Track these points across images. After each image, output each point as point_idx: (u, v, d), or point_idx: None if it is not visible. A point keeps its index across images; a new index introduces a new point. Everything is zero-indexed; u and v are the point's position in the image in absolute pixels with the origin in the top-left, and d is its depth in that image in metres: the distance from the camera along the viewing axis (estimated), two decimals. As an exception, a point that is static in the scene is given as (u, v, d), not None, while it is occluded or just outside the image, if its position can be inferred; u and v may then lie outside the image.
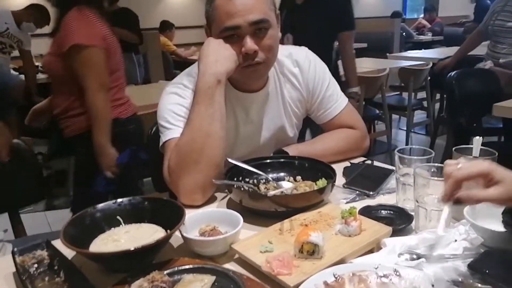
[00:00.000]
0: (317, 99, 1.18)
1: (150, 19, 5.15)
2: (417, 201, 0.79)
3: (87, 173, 1.69)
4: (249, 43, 0.97)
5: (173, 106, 1.04)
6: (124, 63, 1.84)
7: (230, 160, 1.00)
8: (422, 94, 4.27)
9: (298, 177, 1.03)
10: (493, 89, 2.38)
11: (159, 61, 4.58)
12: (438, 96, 4.22)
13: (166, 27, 5.26)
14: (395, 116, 4.29)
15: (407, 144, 3.74)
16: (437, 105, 4.33)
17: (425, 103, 3.90)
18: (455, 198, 0.65)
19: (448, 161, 0.69)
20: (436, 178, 0.77)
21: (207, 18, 1.04)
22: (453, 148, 0.86)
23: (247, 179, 1.02)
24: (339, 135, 1.19)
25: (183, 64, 5.01)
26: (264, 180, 1.02)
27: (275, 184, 0.99)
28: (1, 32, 3.29)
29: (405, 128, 3.87)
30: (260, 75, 1.07)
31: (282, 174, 1.05)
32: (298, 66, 1.16)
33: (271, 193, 0.88)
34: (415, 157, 0.87)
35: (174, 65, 5.16)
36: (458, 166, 0.66)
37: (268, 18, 0.99)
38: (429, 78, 3.71)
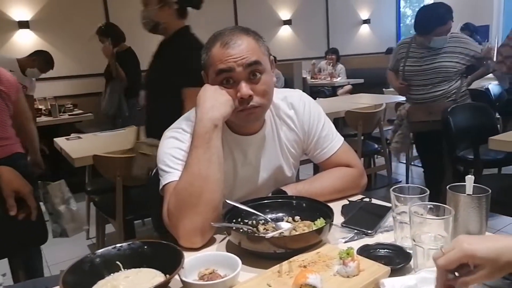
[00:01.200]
0: (313, 139, 1.21)
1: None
2: (414, 240, 0.79)
3: None
4: (244, 88, 1.02)
5: (172, 150, 1.07)
6: None
7: (228, 201, 1.02)
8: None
9: (297, 217, 1.04)
10: (488, 122, 2.42)
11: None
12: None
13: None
14: (394, 150, 4.32)
15: (407, 177, 3.74)
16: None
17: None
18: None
19: (434, 254, 0.68)
20: (431, 217, 0.78)
21: (203, 65, 1.09)
22: (447, 186, 0.87)
23: (246, 220, 1.03)
24: (336, 174, 1.20)
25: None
26: (263, 221, 1.02)
27: (274, 225, 0.99)
28: None
29: (404, 162, 3.89)
30: (256, 118, 1.10)
31: (280, 214, 1.06)
32: (293, 108, 1.20)
33: (269, 235, 0.88)
34: (411, 196, 0.89)
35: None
36: (443, 250, 0.66)
37: (262, 62, 1.04)
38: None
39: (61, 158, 2.50)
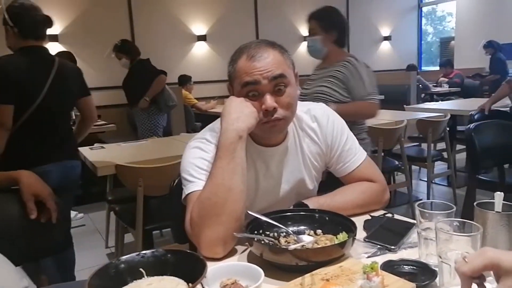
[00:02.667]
0: (335, 153, 1.21)
1: (173, 75, 5.40)
2: (440, 257, 0.78)
3: None
4: (269, 101, 1.03)
5: (196, 160, 1.08)
6: None
7: (250, 213, 1.02)
8: (441, 145, 4.25)
9: (319, 231, 1.03)
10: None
11: (181, 114, 4.74)
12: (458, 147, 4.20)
13: (185, 81, 5.50)
14: (415, 167, 4.25)
15: (428, 195, 3.67)
16: (458, 156, 4.30)
17: (445, 154, 3.87)
18: None
19: (457, 259, 0.67)
20: (458, 234, 0.77)
21: (229, 77, 1.10)
22: (475, 203, 0.86)
23: (268, 232, 1.02)
24: (359, 188, 1.20)
25: (203, 117, 5.17)
26: (284, 234, 1.02)
27: (296, 238, 0.99)
28: None
29: (426, 179, 3.82)
30: (279, 130, 1.11)
31: (302, 227, 1.05)
32: (317, 121, 1.20)
33: (292, 247, 0.88)
34: (437, 212, 0.87)
35: (195, 118, 5.33)
36: (466, 260, 0.64)
37: (287, 75, 1.05)
38: (447, 129, 3.71)
39: (83, 167, 2.56)
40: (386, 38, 7.76)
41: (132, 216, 2.17)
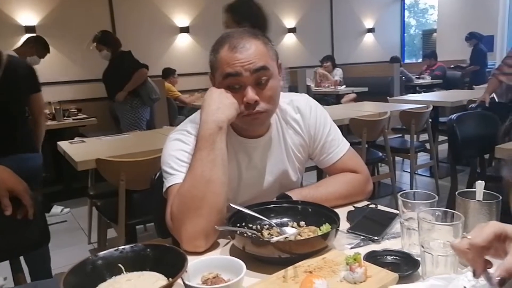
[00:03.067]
0: (318, 144, 1.20)
1: (157, 67, 5.32)
2: (422, 246, 0.78)
3: None
4: (250, 93, 1.01)
5: (176, 152, 1.06)
6: None
7: (233, 205, 1.00)
8: (424, 136, 4.30)
9: (302, 223, 1.02)
10: (493, 131, 2.40)
11: (164, 107, 4.68)
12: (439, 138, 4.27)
13: (169, 73, 5.42)
14: (398, 159, 4.29)
15: (411, 186, 3.71)
16: (440, 147, 4.36)
17: (427, 145, 3.92)
18: (497, 283, 0.59)
19: (453, 242, 0.66)
20: (440, 223, 0.77)
21: (211, 67, 1.08)
22: (456, 192, 0.86)
23: (250, 225, 1.01)
24: (342, 179, 1.19)
25: (187, 110, 5.12)
26: (267, 226, 1.01)
27: (279, 230, 0.98)
28: None
29: (409, 170, 3.86)
30: (261, 123, 1.09)
31: (285, 219, 1.04)
32: (300, 112, 1.19)
33: (275, 239, 0.87)
34: (419, 202, 0.87)
35: (178, 110, 5.27)
36: (468, 236, 0.63)
37: (269, 67, 1.03)
38: (430, 120, 3.75)
39: (64, 162, 2.50)
40: (370, 30, 7.79)
41: (115, 211, 2.13)
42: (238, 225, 0.98)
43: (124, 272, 0.80)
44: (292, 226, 1.01)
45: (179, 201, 0.97)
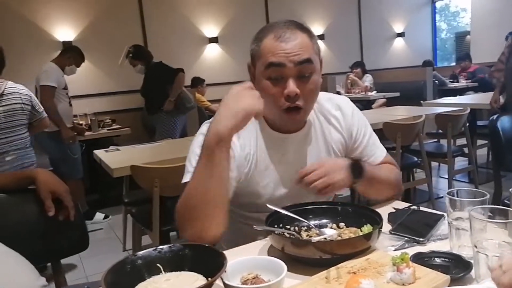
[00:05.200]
0: (359, 146, 1.17)
1: (186, 78, 5.40)
2: (475, 247, 0.73)
3: None
4: (292, 85, 0.98)
5: (198, 149, 0.98)
6: None
7: (270, 206, 0.97)
8: (461, 141, 4.14)
9: (342, 224, 0.99)
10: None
11: (195, 117, 4.73)
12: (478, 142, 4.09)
13: (197, 83, 5.49)
14: (434, 164, 4.14)
15: (449, 192, 3.56)
16: (478, 152, 4.18)
17: (465, 150, 3.76)
18: None
19: (492, 266, 0.61)
20: (495, 220, 0.71)
21: (252, 56, 1.05)
22: (510, 189, 0.80)
23: (288, 226, 0.98)
24: (389, 168, 1.18)
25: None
26: (305, 227, 0.98)
27: (318, 231, 0.95)
28: (65, 86, 3.46)
29: (446, 176, 3.71)
30: (298, 121, 1.07)
31: (324, 220, 1.01)
32: (340, 110, 1.16)
33: (315, 239, 0.84)
34: (468, 200, 0.82)
35: (209, 119, 5.30)
36: (502, 268, 0.59)
37: (313, 61, 1.00)
38: (467, 124, 3.61)
39: (100, 171, 2.55)
40: (400, 35, 7.63)
41: (149, 218, 2.16)
42: (276, 226, 0.96)
43: (163, 272, 0.79)
44: (331, 228, 0.98)
45: (181, 207, 0.94)
